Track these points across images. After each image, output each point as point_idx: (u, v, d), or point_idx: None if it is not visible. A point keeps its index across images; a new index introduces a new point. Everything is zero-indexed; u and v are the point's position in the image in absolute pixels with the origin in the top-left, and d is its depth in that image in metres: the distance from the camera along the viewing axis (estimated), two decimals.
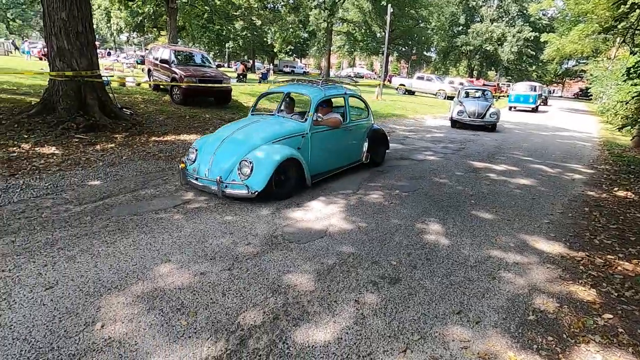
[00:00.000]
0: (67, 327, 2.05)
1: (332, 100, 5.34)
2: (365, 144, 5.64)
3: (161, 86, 11.82)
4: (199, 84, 9.79)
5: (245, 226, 3.47)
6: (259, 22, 39.58)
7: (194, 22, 31.22)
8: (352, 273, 2.82)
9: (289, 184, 4.28)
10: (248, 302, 2.38)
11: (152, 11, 28.85)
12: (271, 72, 41.17)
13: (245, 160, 3.94)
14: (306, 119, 4.63)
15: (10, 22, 46.63)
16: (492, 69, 47.73)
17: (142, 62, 23.90)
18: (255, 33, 42.58)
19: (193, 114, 9.02)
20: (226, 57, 48.22)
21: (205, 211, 3.74)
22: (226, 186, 3.95)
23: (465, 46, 41.52)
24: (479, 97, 12.63)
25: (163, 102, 10.23)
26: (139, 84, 12.78)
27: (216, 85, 10.28)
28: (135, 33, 38.81)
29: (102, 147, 5.70)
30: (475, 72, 45.81)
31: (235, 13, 34.97)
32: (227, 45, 43.05)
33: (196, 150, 4.37)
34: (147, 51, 25.28)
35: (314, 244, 3.25)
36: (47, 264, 2.61)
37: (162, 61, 11.01)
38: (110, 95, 7.32)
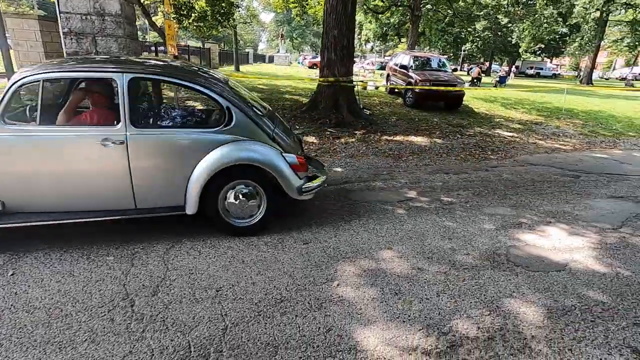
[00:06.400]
0: (315, 276, 2.65)
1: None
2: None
3: (396, 89, 12.80)
4: (432, 87, 10.01)
5: (466, 236, 3.37)
6: (505, 20, 36.03)
7: (434, 26, 31.86)
8: (599, 326, 2.26)
9: None
10: (462, 311, 2.34)
11: (397, 21, 31.41)
12: (512, 75, 36.78)
13: None
14: None
15: (294, 40, 61.82)
16: None
17: (383, 68, 26.48)
18: (498, 33, 39.09)
19: (422, 117, 9.33)
20: (460, 60, 46.59)
21: (426, 212, 3.87)
22: None
23: None
24: None
25: (396, 104, 11.07)
26: (377, 88, 14.32)
27: (449, 88, 10.23)
28: (378, 42, 43.39)
29: (345, 140, 6.80)
30: None
31: (478, 13, 33.22)
32: (463, 47, 41.57)
33: None
34: (389, 58, 27.69)
35: (547, 275, 2.80)
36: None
37: (401, 67, 11.87)
38: (357, 97, 8.58)
